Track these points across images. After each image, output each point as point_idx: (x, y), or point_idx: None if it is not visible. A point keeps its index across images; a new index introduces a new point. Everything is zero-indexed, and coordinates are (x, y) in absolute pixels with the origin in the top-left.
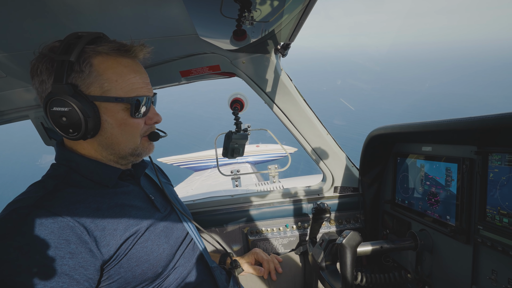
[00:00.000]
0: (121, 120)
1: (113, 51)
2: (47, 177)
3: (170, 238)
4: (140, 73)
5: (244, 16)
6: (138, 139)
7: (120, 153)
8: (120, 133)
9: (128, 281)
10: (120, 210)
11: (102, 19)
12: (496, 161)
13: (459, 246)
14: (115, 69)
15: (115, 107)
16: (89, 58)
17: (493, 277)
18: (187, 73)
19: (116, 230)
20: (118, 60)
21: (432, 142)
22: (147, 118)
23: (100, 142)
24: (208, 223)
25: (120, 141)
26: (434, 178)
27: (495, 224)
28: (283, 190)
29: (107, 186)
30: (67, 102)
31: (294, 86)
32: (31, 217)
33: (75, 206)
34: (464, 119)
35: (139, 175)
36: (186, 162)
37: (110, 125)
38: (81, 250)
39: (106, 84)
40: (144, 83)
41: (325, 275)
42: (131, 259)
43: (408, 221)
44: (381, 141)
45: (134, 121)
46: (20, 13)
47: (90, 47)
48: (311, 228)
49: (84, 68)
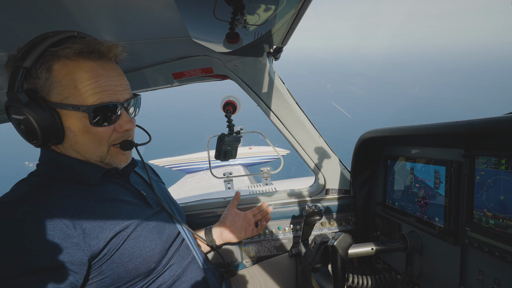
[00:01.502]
0: (83, 128)
1: (74, 54)
2: (33, 175)
3: (163, 234)
4: (106, 77)
5: (237, 19)
6: (105, 148)
7: (89, 160)
8: (84, 141)
9: (121, 277)
10: (110, 204)
11: (96, 21)
12: (483, 164)
13: (447, 247)
14: (75, 74)
15: (76, 114)
16: (47, 63)
17: (480, 278)
18: (179, 75)
19: (105, 223)
20: (79, 64)
21: (421, 145)
22: (117, 126)
23: (67, 148)
24: (200, 225)
25: (86, 149)
26: (423, 181)
27: (482, 225)
28: (276, 192)
29: (90, 185)
30: (21, 111)
31: (286, 89)
32: (15, 211)
33: (61, 200)
34: (452, 123)
35: (129, 172)
36: (178, 164)
37: (72, 133)
38: (66, 244)
39: (65, 91)
40: (110, 86)
41: (317, 277)
42: (123, 254)
43: (398, 223)
44: (372, 144)
45: (98, 129)
46: (13, 13)
47: (52, 50)
48: (303, 230)
49: (41, 74)
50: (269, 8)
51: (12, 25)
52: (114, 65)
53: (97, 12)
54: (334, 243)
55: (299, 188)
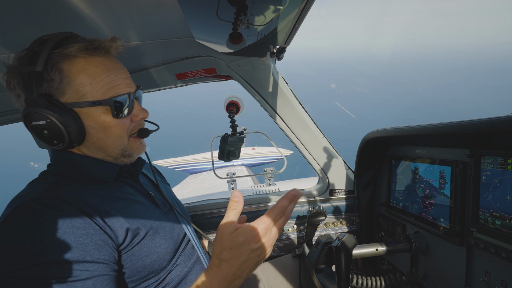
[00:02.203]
0: (104, 123)
1: (80, 51)
2: (47, 174)
3: (173, 234)
4: (115, 69)
5: (240, 20)
6: (126, 139)
7: (111, 155)
8: (106, 136)
9: (138, 270)
10: (125, 204)
11: (99, 22)
12: (489, 164)
13: (452, 248)
14: (87, 71)
15: (96, 111)
16: (57, 64)
17: (486, 279)
18: (183, 75)
19: (123, 220)
20: (88, 60)
21: (426, 145)
22: (133, 116)
23: (89, 147)
24: (204, 226)
25: (108, 144)
26: (428, 181)
27: (488, 226)
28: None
29: (106, 182)
30: (44, 115)
31: (289, 89)
32: (41, 207)
33: (82, 196)
34: (457, 122)
35: (138, 172)
36: (181, 164)
37: (94, 130)
38: (97, 232)
39: (80, 89)
40: (121, 79)
41: (320, 277)
42: (142, 249)
43: (402, 224)
44: (376, 144)
45: (118, 121)
46: (17, 15)
47: (56, 52)
48: (307, 231)
49: (54, 76)
50: (272, 8)
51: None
52: (116, 60)
53: (100, 14)
54: (338, 243)
55: (302, 188)
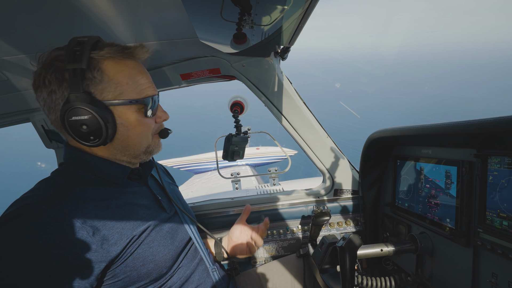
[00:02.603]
0: (135, 122)
1: (117, 54)
2: (57, 174)
3: (175, 239)
4: (145, 73)
5: (244, 20)
6: (150, 137)
7: (134, 153)
8: (135, 134)
9: (133, 280)
10: (129, 209)
11: (104, 23)
12: (496, 164)
13: (459, 249)
14: (124, 72)
15: (129, 109)
16: (98, 64)
17: (493, 280)
18: (187, 76)
19: (124, 229)
20: (124, 62)
21: (432, 145)
22: (156, 117)
23: (116, 146)
24: (208, 226)
25: (135, 142)
26: (433, 181)
27: (495, 227)
28: (283, 192)
29: (117, 184)
30: (87, 110)
31: (294, 89)
32: (40, 215)
33: (84, 205)
34: (463, 122)
35: (147, 174)
36: (186, 164)
37: (125, 128)
38: (85, 250)
39: (118, 88)
40: (150, 83)
41: (325, 278)
42: (136, 259)
43: (408, 224)
44: (380, 144)
45: (147, 120)
46: (22, 18)
47: (95, 53)
48: (312, 231)
49: (96, 74)
50: (276, 8)
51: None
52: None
53: (104, 15)
54: (343, 244)
55: (307, 188)
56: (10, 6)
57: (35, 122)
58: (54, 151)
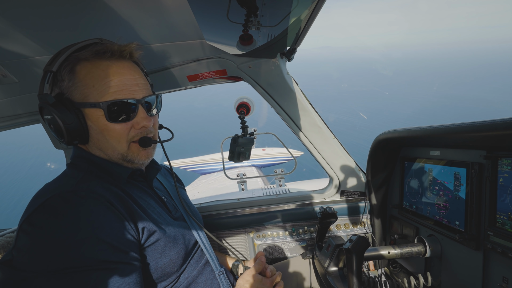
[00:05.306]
0: (102, 126)
1: (92, 55)
2: (72, 169)
3: (185, 239)
4: (121, 75)
5: (251, 21)
6: (125, 145)
7: (112, 158)
8: (104, 138)
9: (150, 272)
10: (140, 205)
11: (112, 26)
12: (506, 166)
13: (468, 252)
14: (93, 73)
15: (96, 112)
16: (69, 66)
17: (504, 285)
18: (194, 77)
19: (142, 219)
20: (96, 64)
21: (440, 147)
22: (134, 123)
23: (92, 147)
24: (214, 226)
25: (106, 147)
26: (442, 183)
27: (506, 230)
28: (289, 194)
29: (119, 183)
30: (48, 111)
31: (300, 90)
32: (77, 198)
33: (107, 191)
34: (473, 123)
35: (152, 177)
36: (192, 165)
37: (94, 131)
38: (126, 226)
39: (85, 90)
40: (125, 85)
41: (331, 280)
42: (156, 250)
43: (416, 226)
44: (388, 145)
45: (116, 126)
46: (32, 22)
47: (74, 55)
48: (318, 233)
49: (65, 76)
50: (282, 10)
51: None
52: (131, 64)
53: (111, 18)
54: (350, 246)
55: (313, 189)
56: (19, 10)
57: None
58: (63, 151)
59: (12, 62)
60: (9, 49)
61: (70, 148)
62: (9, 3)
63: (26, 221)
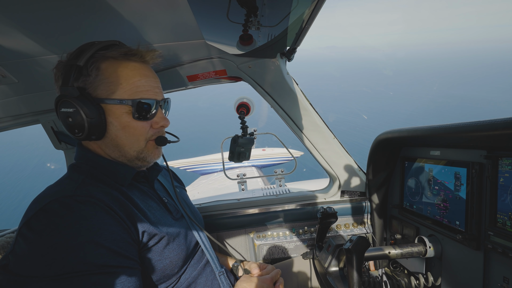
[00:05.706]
0: (125, 123)
1: (120, 55)
2: (73, 172)
3: (186, 241)
4: (147, 76)
5: (251, 21)
6: (143, 142)
7: (126, 156)
8: (124, 135)
9: (148, 275)
10: (141, 207)
11: (111, 26)
12: (507, 166)
13: (469, 252)
14: (121, 72)
15: (119, 109)
16: (96, 62)
17: (505, 285)
18: (194, 77)
19: (142, 222)
20: (124, 64)
21: (441, 146)
22: (153, 122)
23: (107, 144)
24: (214, 227)
25: (124, 144)
26: (442, 183)
27: (506, 229)
28: (290, 194)
29: (122, 185)
30: (72, 104)
31: (300, 90)
32: (76, 204)
33: (106, 196)
34: (473, 123)
35: (153, 178)
36: (192, 165)
37: (114, 127)
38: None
39: (111, 87)
40: (150, 86)
41: (332, 280)
42: (155, 252)
43: (416, 226)
44: (388, 145)
45: (138, 124)
46: (32, 22)
47: (101, 53)
48: (318, 233)
49: (91, 71)
50: (282, 10)
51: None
52: (151, 68)
53: (113, 18)
54: (350, 246)
55: (313, 190)
56: (20, 11)
57: (45, 123)
58: (63, 152)
59: (12, 63)
60: (9, 49)
61: (70, 148)
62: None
63: (25, 225)
